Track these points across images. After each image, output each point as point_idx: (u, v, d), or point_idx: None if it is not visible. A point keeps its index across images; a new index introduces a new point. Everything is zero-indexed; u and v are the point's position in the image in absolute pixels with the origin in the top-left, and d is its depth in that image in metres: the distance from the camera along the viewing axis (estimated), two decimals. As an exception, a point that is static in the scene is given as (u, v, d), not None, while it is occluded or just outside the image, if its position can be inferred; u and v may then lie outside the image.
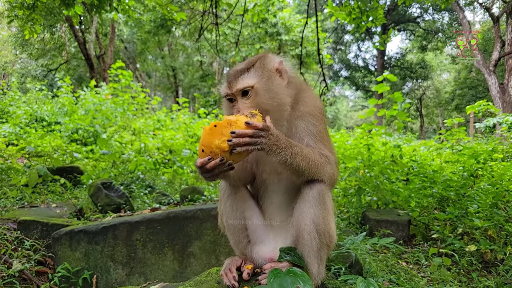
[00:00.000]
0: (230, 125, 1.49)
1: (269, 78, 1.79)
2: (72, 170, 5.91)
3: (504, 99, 16.99)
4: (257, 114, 1.56)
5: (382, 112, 5.64)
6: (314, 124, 1.84)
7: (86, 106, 11.81)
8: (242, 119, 1.51)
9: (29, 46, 23.96)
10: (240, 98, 1.76)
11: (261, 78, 1.77)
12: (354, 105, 55.94)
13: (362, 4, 7.13)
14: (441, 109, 35.96)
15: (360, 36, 33.54)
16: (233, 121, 1.50)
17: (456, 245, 3.38)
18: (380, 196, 4.57)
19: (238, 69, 1.81)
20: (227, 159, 1.51)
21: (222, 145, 1.48)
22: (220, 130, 1.49)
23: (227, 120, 1.51)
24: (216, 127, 1.49)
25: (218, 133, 1.49)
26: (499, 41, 17.48)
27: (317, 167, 1.71)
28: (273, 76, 1.81)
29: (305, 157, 1.65)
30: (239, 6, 9.35)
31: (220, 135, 1.48)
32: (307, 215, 1.73)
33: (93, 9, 6.74)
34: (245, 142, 1.49)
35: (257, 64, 1.81)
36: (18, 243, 3.10)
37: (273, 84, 1.78)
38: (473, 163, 5.26)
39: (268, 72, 1.80)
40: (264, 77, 1.78)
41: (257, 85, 1.74)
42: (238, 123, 1.49)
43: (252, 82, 1.74)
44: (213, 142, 1.49)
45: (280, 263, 1.76)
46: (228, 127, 1.48)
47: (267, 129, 1.53)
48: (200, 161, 1.55)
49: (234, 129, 1.48)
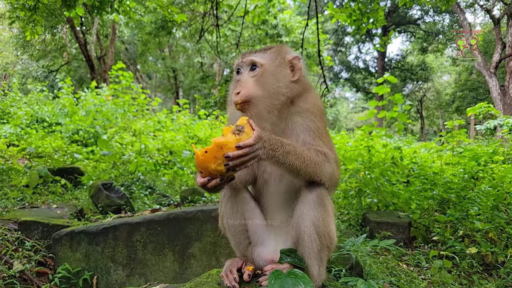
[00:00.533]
0: (221, 148, 1.45)
1: (280, 65, 1.82)
2: (72, 171, 5.91)
3: (505, 101, 16.99)
4: (244, 126, 1.50)
5: (382, 114, 5.64)
6: (312, 120, 1.82)
7: (87, 107, 11.83)
8: (231, 139, 1.46)
9: (30, 47, 23.99)
10: (247, 71, 1.81)
11: (272, 62, 1.81)
12: (355, 106, 55.93)
13: (362, 6, 7.14)
14: (442, 111, 35.94)
15: (361, 38, 33.58)
16: (223, 144, 1.45)
17: (456, 248, 3.37)
18: (380, 198, 4.56)
19: (256, 49, 1.89)
20: (226, 176, 1.51)
21: (219, 168, 1.46)
22: (213, 154, 1.46)
23: (216, 143, 1.46)
24: (207, 153, 1.46)
25: (211, 157, 1.46)
26: (499, 43, 17.49)
27: (315, 166, 1.67)
28: (283, 65, 1.84)
29: (299, 155, 1.62)
30: (239, 8, 9.37)
31: (214, 159, 1.46)
32: (307, 217, 1.73)
33: (94, 10, 6.75)
34: (242, 161, 1.48)
35: (275, 49, 1.87)
36: (19, 243, 3.10)
37: (281, 72, 1.81)
38: (474, 165, 5.26)
39: (281, 59, 1.84)
40: (276, 62, 1.82)
41: (266, 66, 1.79)
42: (229, 145, 1.45)
43: (264, 61, 1.80)
44: (209, 166, 1.47)
45: (281, 265, 1.76)
46: (219, 151, 1.45)
47: (259, 139, 1.50)
48: (201, 181, 1.54)
49: (226, 151, 1.44)
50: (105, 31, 23.55)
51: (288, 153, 1.59)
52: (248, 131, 1.51)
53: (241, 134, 1.48)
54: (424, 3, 7.23)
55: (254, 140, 1.48)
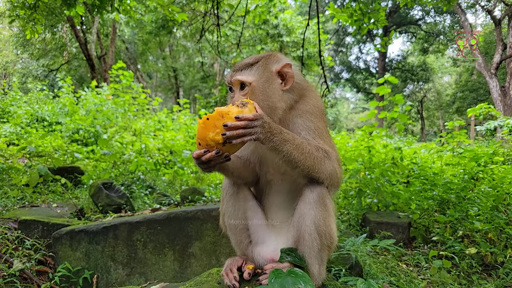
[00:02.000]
0: (222, 116, 1.47)
1: (268, 80, 1.77)
2: (73, 170, 5.92)
3: (505, 102, 17.00)
4: (248, 102, 1.54)
5: (383, 114, 5.65)
6: (311, 121, 1.81)
7: (87, 107, 11.84)
8: (233, 110, 1.49)
9: (30, 46, 24.00)
10: (237, 89, 1.79)
11: (260, 78, 1.76)
12: (355, 107, 55.93)
13: (363, 6, 7.14)
14: (442, 111, 35.93)
15: (362, 38, 33.57)
16: (225, 113, 1.48)
17: (456, 248, 3.38)
18: (380, 198, 4.57)
19: (244, 62, 1.83)
20: (222, 150, 1.51)
21: (216, 137, 1.47)
22: (213, 123, 1.47)
23: (218, 111, 1.48)
24: (208, 120, 1.48)
25: (211, 125, 1.48)
26: (500, 44, 17.49)
27: (314, 160, 1.65)
28: (272, 79, 1.78)
29: (298, 146, 1.60)
30: (240, 7, 9.37)
31: (214, 128, 1.47)
32: (308, 216, 1.73)
33: (95, 9, 6.75)
34: (238, 134, 1.48)
35: (261, 63, 1.80)
36: (19, 242, 3.11)
37: (270, 87, 1.76)
38: (474, 166, 5.26)
39: (268, 73, 1.78)
40: (263, 77, 1.77)
41: (254, 83, 1.75)
42: (230, 114, 1.47)
43: (251, 79, 1.75)
44: (208, 135, 1.48)
45: (281, 264, 1.76)
46: (220, 119, 1.47)
47: (259, 117, 1.51)
48: (196, 152, 1.56)
49: (227, 121, 1.46)
50: (106, 30, 23.55)
51: (286, 141, 1.57)
52: (252, 109, 1.53)
53: (243, 108, 1.50)
54: (425, 4, 7.23)
55: (254, 116, 1.50)
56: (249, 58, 1.86)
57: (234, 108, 1.50)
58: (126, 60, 28.08)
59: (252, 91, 1.74)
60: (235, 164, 1.86)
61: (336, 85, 38.09)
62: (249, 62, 1.81)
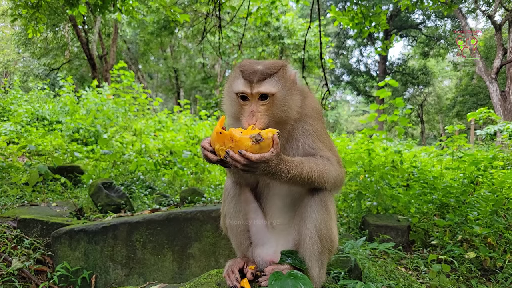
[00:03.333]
0: (231, 140, 1.50)
1: (289, 90, 1.75)
2: (72, 169, 5.91)
3: (505, 106, 17.01)
4: (265, 139, 1.49)
5: (383, 117, 5.65)
6: (310, 124, 1.83)
7: (88, 106, 11.83)
8: (244, 141, 1.48)
9: (32, 45, 24.01)
10: (256, 100, 1.70)
11: (282, 88, 1.73)
12: (355, 110, 55.92)
13: (365, 10, 7.15)
14: (442, 115, 35.95)
15: (363, 41, 33.61)
16: (235, 139, 1.49)
17: (455, 252, 3.38)
18: (380, 201, 4.57)
19: (259, 70, 1.71)
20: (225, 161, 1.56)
21: (220, 152, 1.54)
22: (223, 139, 1.52)
23: (231, 133, 1.50)
24: (221, 134, 1.53)
25: (220, 140, 1.53)
26: (501, 48, 17.52)
27: (322, 177, 1.68)
28: (292, 90, 1.77)
29: (306, 174, 1.62)
30: (242, 9, 9.38)
31: (222, 143, 1.53)
32: (309, 220, 1.74)
33: (97, 9, 6.75)
34: (237, 166, 1.51)
35: (281, 73, 1.75)
36: (18, 241, 3.10)
37: (291, 98, 1.75)
38: (474, 170, 5.26)
39: (289, 84, 1.77)
40: (286, 88, 1.74)
41: (278, 94, 1.70)
42: (239, 143, 1.49)
43: (275, 90, 1.69)
44: (216, 144, 1.56)
45: (281, 266, 1.76)
46: (229, 142, 1.51)
47: (265, 161, 1.50)
48: (205, 145, 1.63)
49: (233, 147, 1.49)
50: (107, 30, 23.57)
51: (292, 177, 1.59)
52: (265, 145, 1.51)
53: (255, 144, 1.49)
54: (427, 8, 7.25)
55: (257, 159, 1.49)
56: (259, 65, 1.76)
57: (247, 139, 1.49)
58: (127, 60, 28.11)
59: (273, 101, 1.70)
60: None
61: (336, 87, 38.11)
62: (266, 71, 1.71)
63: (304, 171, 1.63)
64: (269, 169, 1.53)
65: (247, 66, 1.76)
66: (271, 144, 1.52)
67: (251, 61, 1.81)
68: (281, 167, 1.55)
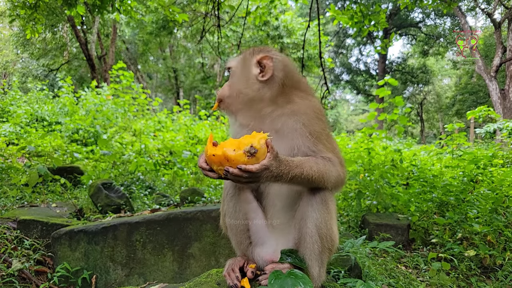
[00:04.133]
0: (227, 160, 1.47)
1: (245, 66, 1.87)
2: (72, 170, 5.91)
3: (504, 105, 17.02)
4: (258, 150, 1.46)
5: (382, 116, 5.65)
6: (305, 125, 1.75)
7: (87, 107, 11.83)
8: (240, 158, 1.45)
9: (30, 45, 23.99)
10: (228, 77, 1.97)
11: (239, 64, 1.91)
12: (355, 109, 55.93)
13: (364, 8, 7.15)
14: (442, 114, 35.98)
15: (362, 40, 33.61)
16: (231, 158, 1.46)
17: (455, 250, 3.38)
18: (380, 200, 4.57)
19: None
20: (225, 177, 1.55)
21: (219, 171, 1.51)
22: (219, 161, 1.48)
23: (224, 154, 1.47)
24: (214, 156, 1.48)
25: (216, 161, 1.50)
26: (500, 47, 17.52)
27: (322, 177, 1.68)
28: (250, 67, 1.85)
29: (307, 174, 1.62)
30: (241, 9, 9.38)
31: (219, 164, 1.49)
32: (309, 219, 1.73)
33: (95, 9, 6.75)
34: (240, 181, 1.51)
35: (247, 51, 1.94)
36: (18, 242, 3.10)
37: (246, 73, 1.85)
38: (473, 168, 5.26)
39: (247, 61, 1.88)
40: (242, 63, 1.90)
41: (234, 68, 1.91)
42: (235, 161, 1.45)
43: (233, 64, 1.92)
44: (213, 165, 1.52)
45: (281, 264, 1.76)
46: (225, 162, 1.47)
47: (265, 168, 1.49)
48: (202, 165, 1.60)
49: (230, 165, 1.46)
50: (106, 30, 23.57)
51: (294, 177, 1.59)
52: (261, 155, 1.48)
53: (251, 158, 1.46)
54: (426, 6, 7.24)
55: (257, 169, 1.48)
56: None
57: (242, 155, 1.46)
58: (126, 61, 28.09)
59: (232, 75, 1.91)
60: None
61: (336, 86, 38.12)
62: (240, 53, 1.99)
63: (305, 171, 1.62)
64: (271, 174, 1.52)
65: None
66: (266, 150, 1.50)
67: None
68: (281, 168, 1.55)
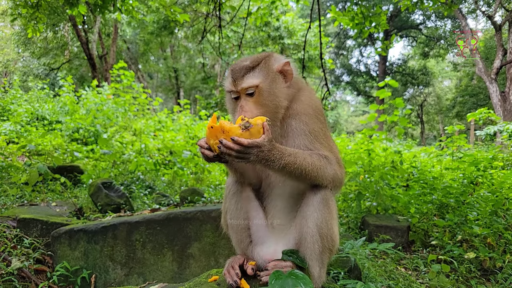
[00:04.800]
0: (222, 132, 1.53)
1: (273, 79, 1.78)
2: (72, 169, 5.91)
3: (505, 107, 17.02)
4: (253, 125, 1.53)
5: (383, 117, 5.65)
6: (306, 123, 1.80)
7: (88, 106, 11.83)
8: (234, 130, 1.52)
9: (31, 44, 23.98)
10: (244, 95, 1.76)
11: (265, 79, 1.76)
12: (355, 110, 55.92)
13: (365, 10, 7.15)
14: (442, 116, 35.96)
15: (363, 42, 33.62)
16: (226, 129, 1.53)
17: (455, 252, 3.38)
18: (380, 201, 4.57)
19: (243, 66, 1.78)
20: (221, 155, 1.58)
21: (215, 146, 1.56)
22: (215, 133, 1.55)
23: (221, 125, 1.54)
24: (212, 128, 1.56)
25: (213, 135, 1.56)
26: (501, 49, 17.53)
27: (317, 171, 1.67)
28: (276, 78, 1.80)
29: (299, 165, 1.61)
30: (242, 9, 9.39)
31: (215, 137, 1.56)
32: (310, 218, 1.74)
33: (97, 9, 6.75)
34: (230, 154, 1.52)
35: (262, 64, 1.79)
36: (18, 241, 3.10)
37: (276, 86, 1.78)
38: (473, 170, 5.26)
39: (272, 74, 1.79)
40: (269, 78, 1.77)
41: (261, 85, 1.74)
42: (230, 133, 1.52)
43: (257, 81, 1.74)
44: (210, 140, 1.58)
45: (283, 262, 1.76)
46: (221, 133, 1.53)
47: (256, 146, 1.51)
48: (201, 143, 1.64)
49: (225, 137, 1.51)
50: (107, 30, 23.56)
51: (286, 165, 1.59)
52: (255, 132, 1.53)
53: (244, 131, 1.52)
54: (427, 8, 7.25)
55: (249, 144, 1.50)
56: (246, 61, 1.82)
57: (237, 128, 1.53)
58: (127, 60, 28.09)
59: (259, 93, 1.74)
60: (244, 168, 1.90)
61: (336, 88, 38.12)
62: (249, 65, 1.78)
63: (298, 160, 1.62)
64: (262, 155, 1.53)
65: (235, 65, 1.84)
66: (262, 131, 1.54)
67: (242, 59, 1.87)
68: (274, 152, 1.55)
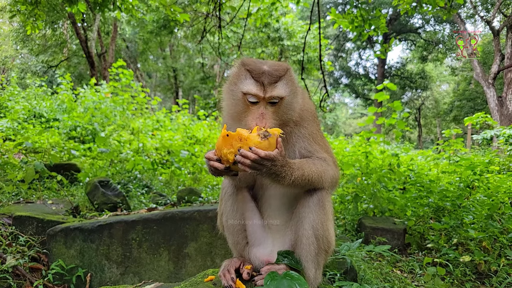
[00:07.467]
0: (240, 140, 1.50)
1: (294, 94, 1.76)
2: (69, 167, 5.88)
3: (502, 112, 17.10)
4: (272, 134, 1.51)
5: (381, 120, 5.67)
6: (305, 127, 1.84)
7: (86, 104, 11.80)
8: (253, 138, 1.50)
9: (30, 41, 23.87)
10: (265, 103, 1.68)
11: (290, 91, 1.73)
12: (354, 112, 56.04)
13: (364, 13, 7.17)
14: (440, 119, 36.11)
15: (362, 44, 33.73)
16: (244, 138, 1.50)
17: (450, 255, 3.39)
18: (376, 204, 4.58)
19: (274, 73, 1.68)
20: (231, 168, 1.57)
21: (228, 156, 1.52)
22: (230, 141, 1.52)
23: (239, 133, 1.51)
24: (228, 136, 1.52)
25: (228, 143, 1.52)
26: (498, 54, 17.62)
27: (320, 177, 1.71)
28: (298, 93, 1.79)
29: (306, 176, 1.64)
30: (242, 10, 9.39)
31: (229, 146, 1.52)
32: (306, 220, 1.74)
33: (96, 7, 6.75)
34: (245, 163, 1.50)
35: (288, 76, 1.74)
36: (13, 238, 3.09)
37: (296, 101, 1.77)
38: (470, 174, 5.28)
39: (294, 88, 1.77)
40: (292, 92, 1.74)
41: (286, 97, 1.71)
42: (248, 142, 1.49)
43: (285, 93, 1.69)
44: (223, 149, 1.54)
45: (277, 266, 1.76)
46: (237, 142, 1.50)
47: (271, 159, 1.50)
48: (209, 155, 1.61)
49: (242, 146, 1.49)
50: (107, 28, 23.51)
51: (295, 180, 1.60)
52: (273, 143, 1.52)
53: (264, 140, 1.50)
54: (426, 12, 7.28)
55: (266, 156, 1.49)
56: (272, 68, 1.70)
57: (255, 136, 1.51)
58: (126, 59, 28.02)
59: (281, 104, 1.71)
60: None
61: (335, 90, 38.21)
62: (278, 74, 1.69)
63: (305, 173, 1.64)
64: (275, 169, 1.53)
65: (254, 66, 1.71)
66: (276, 145, 1.53)
67: (256, 61, 1.77)
68: (285, 169, 1.56)
